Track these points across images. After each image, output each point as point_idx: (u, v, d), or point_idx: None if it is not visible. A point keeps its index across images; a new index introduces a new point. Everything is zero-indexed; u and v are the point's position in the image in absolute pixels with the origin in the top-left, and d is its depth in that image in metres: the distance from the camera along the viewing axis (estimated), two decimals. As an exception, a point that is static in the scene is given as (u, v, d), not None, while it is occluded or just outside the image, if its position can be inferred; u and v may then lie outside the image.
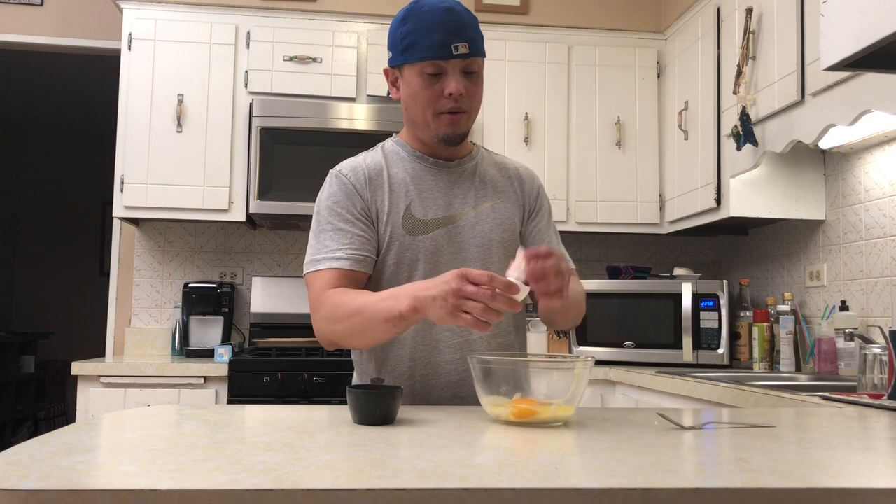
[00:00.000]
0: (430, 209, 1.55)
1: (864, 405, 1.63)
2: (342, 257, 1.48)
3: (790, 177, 2.87)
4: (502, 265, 1.53)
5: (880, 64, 1.71)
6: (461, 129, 1.53)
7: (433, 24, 1.45)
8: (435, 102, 1.49)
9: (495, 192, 1.62)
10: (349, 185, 1.55)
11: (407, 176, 1.57)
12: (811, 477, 0.84)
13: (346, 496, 0.73)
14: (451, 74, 1.47)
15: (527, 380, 1.20)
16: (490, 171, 1.64)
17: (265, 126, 3.18)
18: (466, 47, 1.46)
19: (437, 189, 1.57)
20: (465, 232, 1.57)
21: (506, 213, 1.62)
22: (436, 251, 1.53)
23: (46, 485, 0.73)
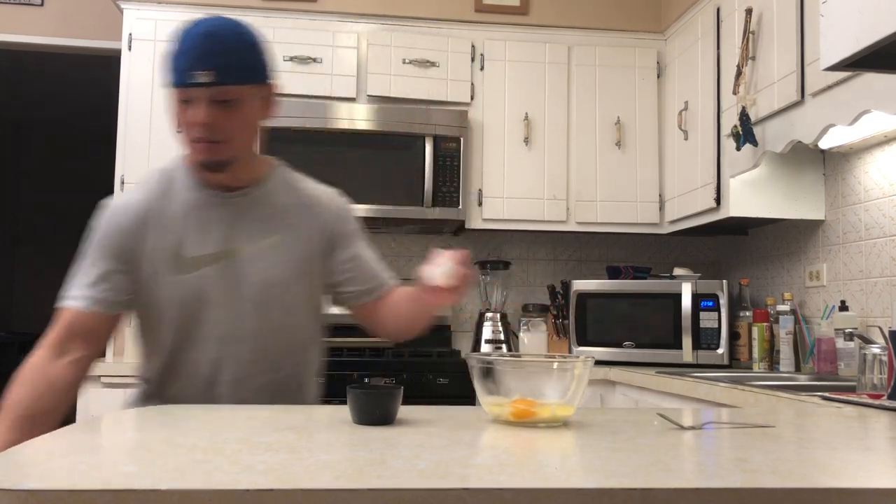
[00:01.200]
0: (205, 244, 1.48)
1: (864, 405, 1.63)
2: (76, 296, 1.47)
3: (790, 177, 2.87)
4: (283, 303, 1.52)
5: (880, 64, 1.71)
6: (217, 158, 1.44)
7: (184, 49, 1.41)
8: (187, 129, 1.43)
9: (285, 225, 1.53)
10: (112, 224, 1.49)
11: (185, 208, 1.49)
12: (811, 477, 0.84)
13: (346, 496, 0.73)
14: (196, 103, 1.40)
15: (526, 380, 1.20)
16: (284, 201, 1.55)
17: (265, 126, 3.17)
18: (210, 76, 1.38)
19: (216, 221, 1.49)
20: (243, 269, 1.49)
21: (295, 249, 1.53)
22: (206, 289, 1.47)
23: (46, 485, 0.73)
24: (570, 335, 3.31)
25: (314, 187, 1.63)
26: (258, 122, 1.51)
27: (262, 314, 1.51)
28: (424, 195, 3.20)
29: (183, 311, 1.48)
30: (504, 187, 3.37)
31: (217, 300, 1.48)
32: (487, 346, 3.39)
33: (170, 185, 1.52)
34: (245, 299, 1.49)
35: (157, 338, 1.52)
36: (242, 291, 1.49)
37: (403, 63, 3.33)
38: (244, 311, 1.50)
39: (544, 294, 3.64)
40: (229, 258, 1.49)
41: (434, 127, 3.25)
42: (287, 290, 1.52)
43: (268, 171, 1.57)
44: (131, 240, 1.47)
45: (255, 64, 1.47)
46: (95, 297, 1.47)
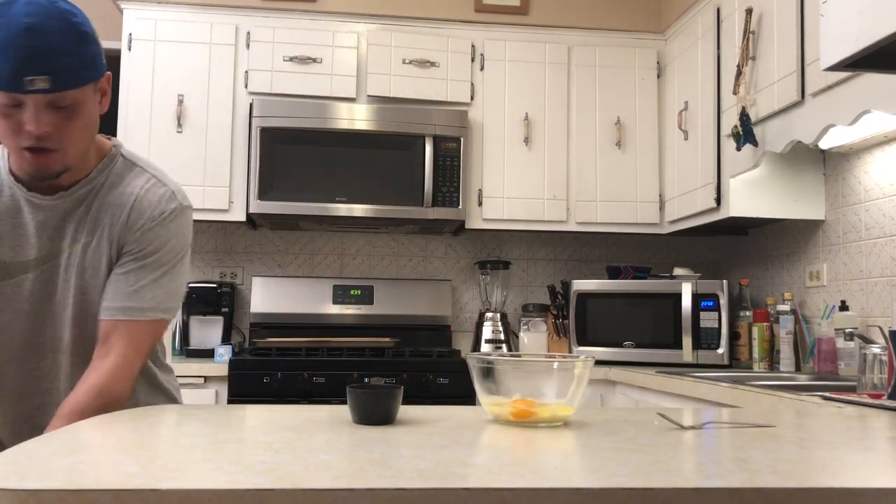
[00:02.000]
0: (22, 250, 1.35)
1: (864, 405, 1.63)
2: None
3: (790, 177, 2.87)
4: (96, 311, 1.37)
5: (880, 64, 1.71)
6: (52, 169, 1.28)
7: (6, 46, 1.17)
8: (16, 136, 1.24)
9: (94, 227, 1.37)
10: None
11: (2, 209, 1.35)
12: (811, 477, 0.84)
13: (346, 496, 0.73)
14: (29, 109, 1.21)
15: (526, 380, 1.20)
16: (103, 200, 1.38)
17: (265, 126, 3.18)
18: (47, 82, 1.19)
19: (35, 224, 1.35)
20: (60, 274, 1.37)
21: (100, 252, 1.37)
22: (23, 297, 1.36)
23: (46, 485, 0.73)
24: (570, 335, 3.31)
25: (143, 184, 1.40)
26: (97, 119, 1.34)
27: (80, 322, 1.39)
28: (424, 195, 3.20)
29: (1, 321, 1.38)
30: (504, 187, 3.37)
31: (34, 309, 1.37)
32: (487, 346, 3.39)
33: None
34: (64, 306, 1.38)
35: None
36: (61, 299, 1.38)
37: (403, 63, 3.33)
38: (63, 319, 1.39)
39: (544, 294, 3.64)
40: (49, 263, 1.37)
41: (434, 127, 3.25)
42: (90, 299, 1.38)
43: (101, 164, 1.39)
44: None
45: (94, 59, 1.28)
46: None
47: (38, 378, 1.42)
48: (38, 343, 1.41)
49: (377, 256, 3.67)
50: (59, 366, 1.43)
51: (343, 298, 3.49)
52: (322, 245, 3.64)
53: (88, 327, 1.39)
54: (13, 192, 1.36)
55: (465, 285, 3.70)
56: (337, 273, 3.63)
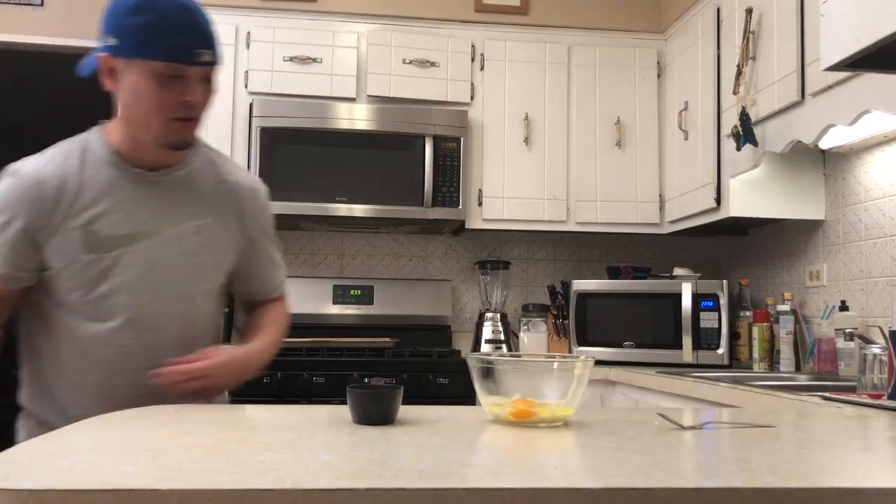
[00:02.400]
0: (122, 224, 1.41)
1: (864, 405, 1.63)
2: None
3: (790, 177, 2.87)
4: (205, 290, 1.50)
5: (880, 64, 1.71)
6: (190, 137, 1.42)
7: (174, 23, 1.32)
8: (167, 107, 1.36)
9: (206, 209, 1.48)
10: (18, 196, 1.38)
11: (101, 185, 1.41)
12: (811, 477, 0.84)
13: (346, 496, 0.73)
14: (191, 82, 1.36)
15: (526, 379, 1.20)
16: (205, 183, 1.50)
17: (265, 126, 3.18)
18: (210, 55, 1.36)
19: (135, 201, 1.42)
20: (164, 251, 1.43)
21: (216, 234, 1.49)
22: (123, 270, 1.40)
23: (46, 485, 0.73)
24: (570, 335, 3.31)
25: (237, 172, 1.57)
26: None
27: (185, 300, 1.47)
28: (424, 195, 3.20)
29: (92, 293, 1.40)
30: (504, 187, 3.37)
31: (135, 284, 1.41)
32: (487, 346, 3.39)
33: (85, 158, 1.43)
34: (167, 284, 1.44)
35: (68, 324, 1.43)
36: (163, 275, 1.43)
37: (403, 63, 3.33)
38: (166, 296, 1.45)
39: (544, 294, 3.64)
40: (148, 240, 1.42)
41: (434, 127, 3.25)
42: (210, 278, 1.50)
43: (194, 153, 1.50)
44: (43, 215, 1.38)
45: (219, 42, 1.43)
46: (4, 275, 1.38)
47: (137, 355, 1.43)
48: (137, 318, 1.43)
49: (377, 256, 3.67)
50: (160, 343, 1.45)
51: (343, 298, 3.49)
52: (322, 245, 3.64)
53: (196, 304, 1.49)
54: (115, 169, 1.42)
55: (465, 285, 3.70)
56: (337, 273, 3.63)
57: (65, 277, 1.39)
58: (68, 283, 1.40)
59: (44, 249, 1.39)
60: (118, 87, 1.39)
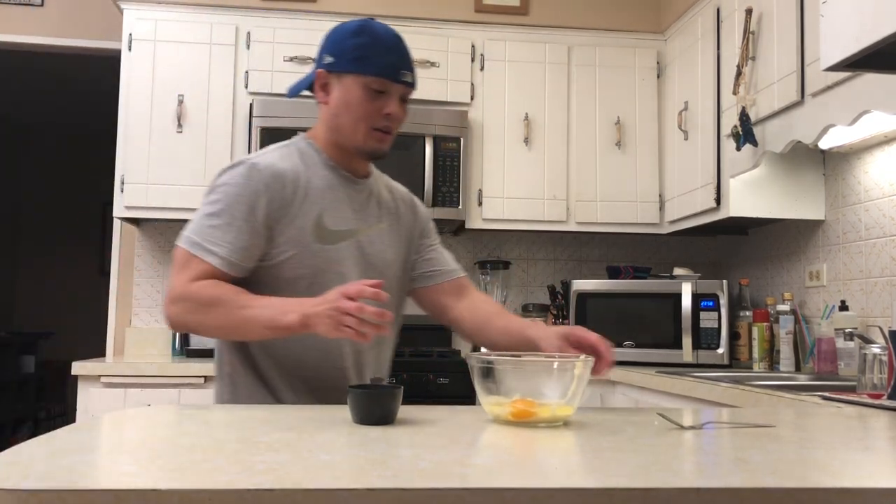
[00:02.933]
0: (339, 221, 1.56)
1: (864, 405, 1.63)
2: (220, 256, 1.46)
3: (790, 177, 2.87)
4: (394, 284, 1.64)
5: (880, 64, 1.71)
6: (386, 148, 1.58)
7: (388, 46, 1.55)
8: (371, 117, 1.54)
9: (389, 214, 1.68)
10: (261, 185, 1.50)
11: (322, 183, 1.57)
12: (811, 477, 0.84)
13: (346, 496, 0.74)
14: (393, 97, 1.54)
15: (526, 379, 1.20)
16: (384, 194, 1.70)
17: (265, 126, 3.17)
18: (411, 77, 1.56)
19: (345, 202, 1.59)
20: (367, 248, 1.60)
21: (399, 234, 1.68)
22: (341, 262, 1.55)
23: (46, 485, 0.73)
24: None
25: (398, 185, 1.78)
26: None
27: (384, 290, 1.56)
28: (424, 195, 3.20)
29: (317, 280, 1.51)
30: (504, 187, 3.37)
31: (349, 275, 1.54)
32: (487, 346, 3.39)
33: (305, 160, 1.58)
34: (370, 277, 1.56)
35: None
36: (366, 269, 1.59)
37: (403, 63, 3.33)
38: None
39: (544, 294, 3.64)
40: (357, 237, 1.59)
41: (434, 127, 3.25)
42: (395, 274, 1.65)
43: (372, 169, 1.70)
44: (281, 206, 1.50)
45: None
46: (234, 262, 1.47)
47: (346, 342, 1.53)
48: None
49: (377, 256, 3.67)
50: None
51: (343, 298, 3.48)
52: (322, 245, 3.64)
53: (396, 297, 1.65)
54: (331, 171, 1.59)
55: (465, 285, 3.70)
56: (337, 273, 3.63)
57: (293, 265, 1.51)
58: (297, 271, 1.52)
59: (276, 238, 1.50)
60: (328, 100, 1.57)
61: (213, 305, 1.42)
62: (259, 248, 1.50)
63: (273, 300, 1.42)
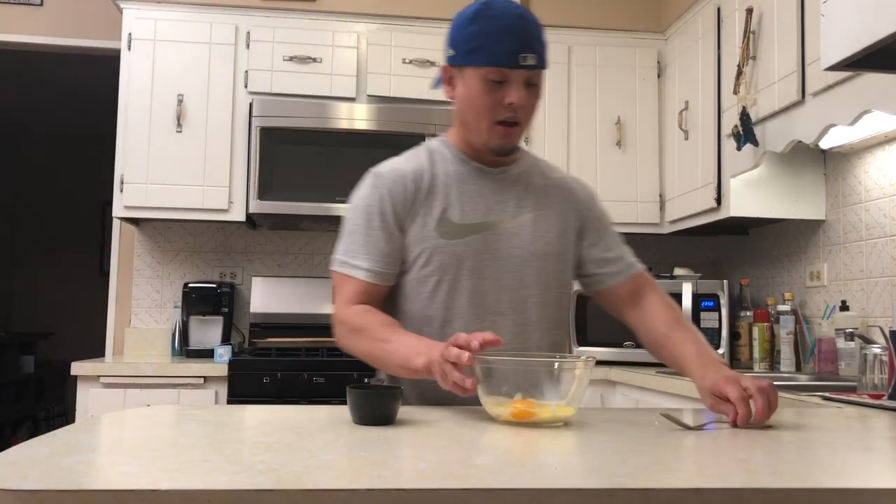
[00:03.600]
0: (468, 214, 1.51)
1: (865, 405, 1.63)
2: (362, 267, 1.49)
3: (790, 177, 2.87)
4: (538, 279, 1.54)
5: (880, 64, 1.71)
6: (513, 142, 1.51)
7: (504, 29, 1.43)
8: (493, 110, 1.47)
9: (538, 203, 1.57)
10: (385, 190, 1.52)
11: (449, 179, 1.54)
12: (811, 477, 0.84)
13: (346, 496, 0.73)
14: (513, 84, 1.44)
15: (527, 380, 1.20)
16: (536, 181, 1.60)
17: (265, 126, 3.17)
18: (534, 59, 1.43)
19: (478, 194, 1.53)
20: (503, 241, 1.52)
21: (549, 225, 1.57)
22: (470, 257, 1.50)
23: (46, 485, 0.73)
24: (570, 335, 3.31)
25: (559, 171, 1.68)
26: None
27: (521, 288, 1.53)
28: (424, 195, 3.20)
29: (445, 277, 1.50)
30: (504, 187, 3.37)
31: (480, 268, 1.50)
32: (487, 346, 3.38)
33: (433, 157, 1.57)
34: (506, 271, 1.51)
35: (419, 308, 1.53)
36: (503, 263, 1.52)
37: (403, 63, 3.33)
38: (505, 284, 1.52)
39: (544, 294, 3.63)
40: (491, 230, 1.52)
41: (434, 127, 3.24)
42: (544, 267, 1.55)
43: (520, 152, 1.62)
44: (406, 206, 1.51)
45: (547, 48, 1.51)
46: (379, 271, 1.50)
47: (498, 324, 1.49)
48: (481, 304, 1.50)
49: (377, 256, 3.67)
50: (498, 329, 1.47)
51: (343, 298, 3.48)
52: (322, 245, 3.64)
53: (529, 293, 1.53)
54: (460, 166, 1.55)
55: (465, 285, 3.70)
56: (337, 273, 3.63)
57: (420, 264, 1.50)
58: (424, 270, 1.50)
59: (406, 239, 1.51)
60: (454, 95, 1.53)
61: (360, 333, 1.45)
62: (400, 252, 1.51)
63: (409, 339, 1.39)
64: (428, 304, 1.51)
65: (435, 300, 1.50)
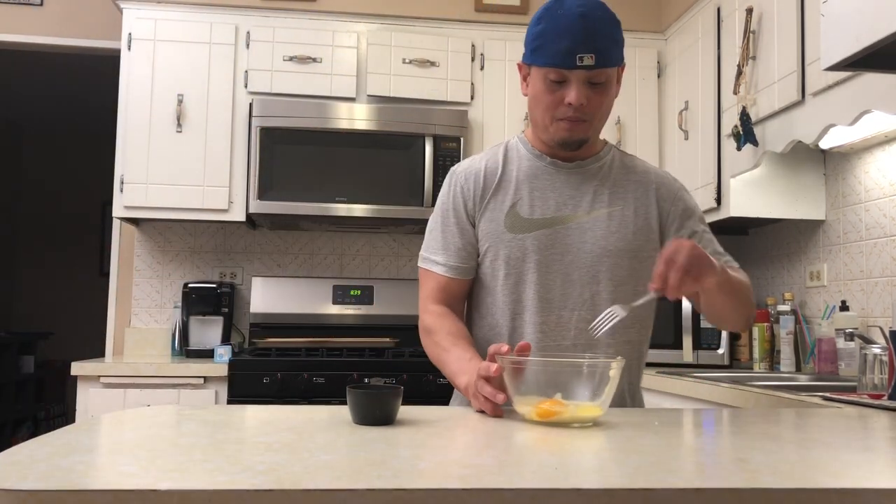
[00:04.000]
0: (538, 208, 1.53)
1: (865, 405, 1.63)
2: (438, 262, 1.57)
3: (790, 177, 2.87)
4: (612, 275, 1.52)
5: (880, 64, 1.71)
6: (577, 137, 1.51)
7: (564, 29, 1.43)
8: (554, 108, 1.48)
9: (616, 198, 1.56)
10: (458, 187, 1.58)
11: (521, 174, 1.56)
12: (811, 477, 0.84)
13: (346, 496, 0.73)
14: (573, 84, 1.45)
15: (556, 379, 1.18)
16: (617, 176, 1.59)
17: (265, 126, 3.17)
18: (592, 59, 1.43)
19: (551, 189, 1.55)
20: (575, 236, 1.52)
21: (626, 221, 1.54)
22: (538, 251, 1.51)
23: (46, 485, 0.73)
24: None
25: (647, 165, 1.65)
26: (613, 101, 1.55)
27: (592, 283, 1.52)
28: (424, 195, 3.20)
29: (512, 270, 1.52)
30: (504, 187, 3.37)
31: (549, 262, 1.51)
32: (487, 346, 3.38)
33: (508, 153, 1.60)
34: (576, 266, 1.52)
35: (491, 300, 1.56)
36: (574, 258, 1.52)
37: (403, 63, 3.33)
38: (574, 279, 1.52)
39: (544, 294, 3.63)
40: (562, 224, 1.53)
41: (434, 127, 3.25)
42: (618, 263, 1.53)
43: (602, 148, 1.62)
44: (476, 200, 1.56)
45: (621, 45, 1.50)
46: (455, 265, 1.56)
47: (545, 333, 1.52)
48: (547, 298, 1.52)
49: (377, 256, 3.67)
50: (565, 323, 1.51)
51: (343, 298, 3.49)
52: (322, 245, 3.64)
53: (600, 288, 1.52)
54: (532, 161, 1.57)
55: (465, 285, 3.70)
56: (337, 273, 3.63)
57: (490, 258, 1.54)
58: (493, 264, 1.54)
59: (479, 234, 1.56)
60: (527, 92, 1.54)
61: (430, 335, 1.55)
62: (475, 247, 1.56)
63: (462, 354, 1.44)
64: (499, 296, 1.54)
65: (504, 293, 1.53)
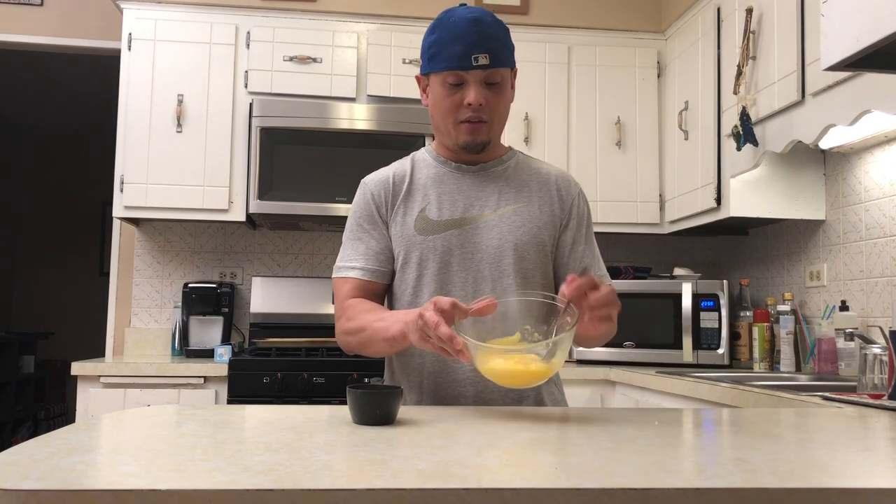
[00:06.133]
0: (447, 210, 1.58)
1: (865, 405, 1.63)
2: (356, 267, 1.59)
3: (790, 177, 2.87)
4: (520, 267, 1.57)
5: (880, 64, 1.71)
6: (480, 139, 1.56)
7: (457, 35, 1.49)
8: (455, 111, 1.54)
9: (520, 196, 1.62)
10: (369, 195, 1.62)
11: (429, 180, 1.61)
12: (811, 477, 0.84)
13: (346, 496, 0.73)
14: (471, 85, 1.51)
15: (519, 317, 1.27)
16: (521, 176, 1.64)
17: (265, 126, 3.17)
18: (487, 58, 1.49)
19: (458, 192, 1.60)
20: (482, 234, 1.57)
21: (529, 217, 1.60)
22: (446, 251, 1.56)
23: (46, 485, 0.73)
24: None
25: (549, 167, 1.70)
26: (510, 104, 1.60)
27: (502, 277, 1.57)
28: (424, 195, 3.20)
29: (424, 271, 1.56)
30: (504, 187, 3.37)
31: (457, 261, 1.57)
32: (487, 346, 3.38)
33: (415, 163, 1.66)
34: (486, 263, 1.56)
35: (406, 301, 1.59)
36: (483, 255, 1.57)
37: (403, 63, 3.33)
38: (485, 274, 1.57)
39: (544, 294, 3.63)
40: (470, 224, 1.58)
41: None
42: (523, 258, 1.58)
43: (505, 153, 1.67)
44: (387, 207, 1.61)
45: (512, 50, 1.56)
46: (371, 269, 1.59)
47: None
48: (460, 296, 1.55)
49: (377, 256, 3.67)
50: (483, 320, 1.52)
51: (343, 298, 3.48)
52: (322, 245, 3.64)
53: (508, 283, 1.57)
54: (438, 167, 1.63)
55: (465, 285, 3.70)
56: (337, 273, 3.63)
57: (403, 261, 1.59)
58: (406, 266, 1.58)
59: (392, 235, 1.60)
60: (427, 103, 1.61)
61: (350, 320, 1.54)
62: (391, 251, 1.60)
63: (388, 313, 1.48)
64: (412, 299, 1.58)
65: (417, 294, 1.57)
